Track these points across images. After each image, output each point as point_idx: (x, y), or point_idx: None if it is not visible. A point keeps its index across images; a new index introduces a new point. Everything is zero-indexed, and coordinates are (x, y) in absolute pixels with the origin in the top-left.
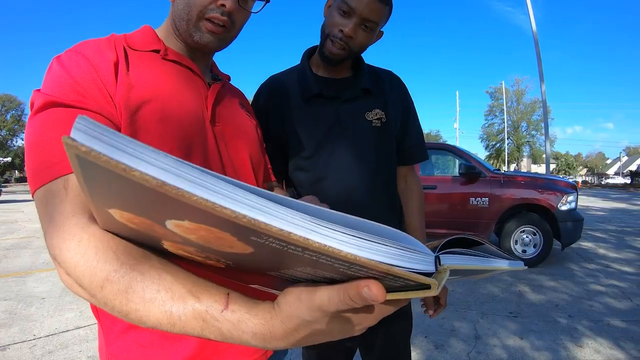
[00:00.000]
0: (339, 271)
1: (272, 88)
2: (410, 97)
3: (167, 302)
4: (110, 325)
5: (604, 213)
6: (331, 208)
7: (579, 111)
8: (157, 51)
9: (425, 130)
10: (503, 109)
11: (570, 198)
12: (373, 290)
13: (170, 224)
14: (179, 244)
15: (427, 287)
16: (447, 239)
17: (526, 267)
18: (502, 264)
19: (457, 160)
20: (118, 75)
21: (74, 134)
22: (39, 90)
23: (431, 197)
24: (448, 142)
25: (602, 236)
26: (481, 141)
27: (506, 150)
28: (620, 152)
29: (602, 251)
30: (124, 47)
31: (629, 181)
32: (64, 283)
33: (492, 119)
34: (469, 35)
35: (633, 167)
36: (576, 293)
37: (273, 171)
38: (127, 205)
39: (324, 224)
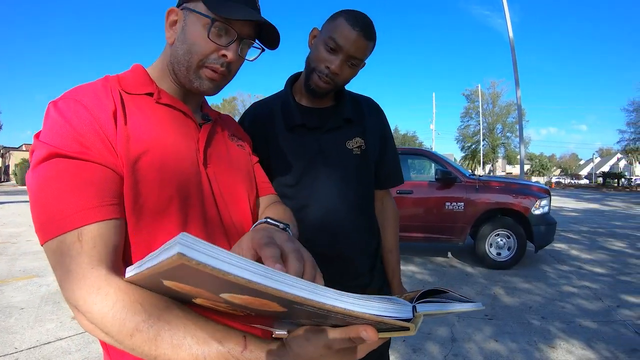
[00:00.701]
0: (344, 320)
1: (256, 116)
2: (387, 123)
3: (194, 346)
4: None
5: (576, 214)
6: (314, 232)
7: (553, 113)
8: (151, 94)
9: (402, 131)
10: (479, 111)
11: (544, 202)
12: (370, 333)
13: (226, 296)
14: (213, 302)
15: (407, 329)
16: (421, 291)
17: (484, 307)
18: (464, 307)
19: (433, 166)
20: (117, 126)
21: (180, 249)
22: (39, 137)
23: (408, 201)
24: (424, 143)
25: (575, 237)
26: (457, 142)
27: (481, 152)
28: (594, 154)
29: (574, 252)
30: (120, 92)
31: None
32: (84, 328)
33: (468, 120)
34: (446, 38)
35: (606, 168)
36: (549, 295)
37: None
38: (197, 284)
39: (347, 296)
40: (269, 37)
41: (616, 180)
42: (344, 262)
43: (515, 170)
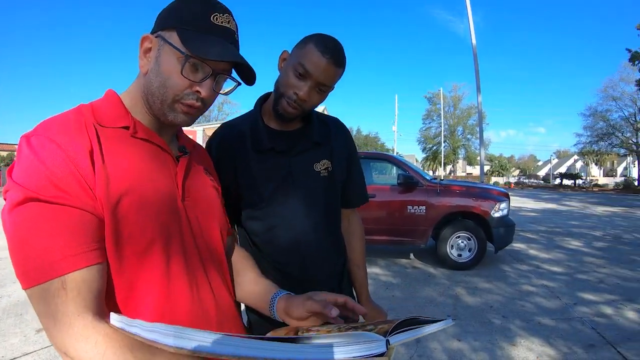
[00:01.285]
0: None
1: (224, 138)
2: (353, 143)
3: None
4: None
5: (535, 214)
6: (284, 254)
7: (512, 116)
8: (127, 127)
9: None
10: (440, 114)
11: (503, 205)
12: None
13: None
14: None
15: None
16: (394, 325)
17: (453, 322)
18: (435, 327)
19: (395, 170)
20: (95, 166)
21: (162, 339)
22: (12, 175)
23: (371, 205)
24: (386, 144)
25: (533, 237)
26: (419, 144)
27: (442, 153)
28: (551, 155)
29: (533, 252)
30: (95, 127)
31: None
32: None
33: (429, 122)
34: (409, 41)
35: (563, 169)
36: (509, 294)
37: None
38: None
39: (338, 346)
40: (245, 73)
41: (573, 180)
42: (312, 283)
43: (475, 170)
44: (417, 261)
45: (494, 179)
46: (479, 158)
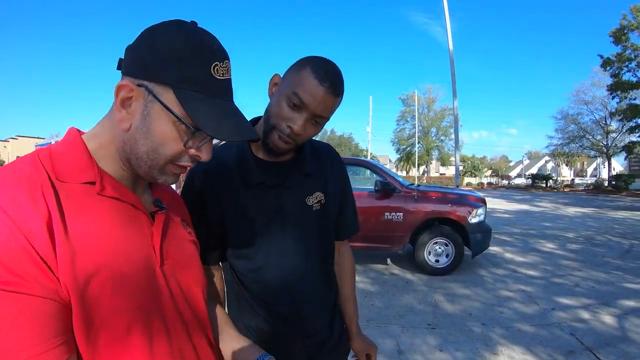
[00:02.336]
0: None
1: (208, 171)
2: (347, 172)
3: None
4: None
5: (509, 215)
6: (273, 294)
7: (485, 118)
8: (92, 183)
9: (338, 133)
10: (415, 115)
11: (480, 211)
12: None
13: None
14: None
15: None
16: None
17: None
18: None
19: (373, 176)
20: (55, 240)
21: None
22: None
23: None
24: (360, 145)
25: (508, 239)
26: (392, 145)
27: (416, 154)
28: (523, 156)
29: (508, 255)
30: (53, 185)
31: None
32: None
33: (403, 124)
34: (385, 43)
35: (534, 170)
36: (487, 300)
37: (209, 254)
38: None
39: None
40: None
41: (544, 181)
42: (304, 321)
43: (448, 171)
44: (394, 267)
45: (466, 180)
46: (452, 159)
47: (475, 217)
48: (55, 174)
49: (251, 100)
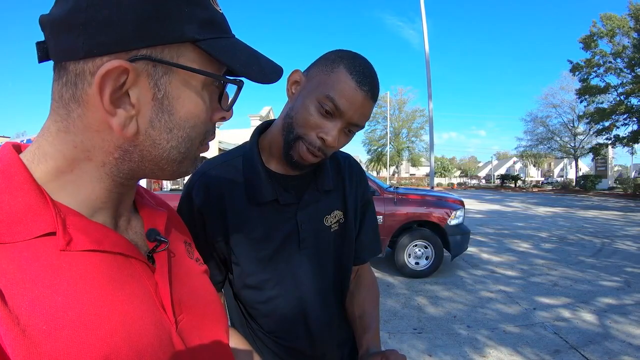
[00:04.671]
0: None
1: (211, 187)
2: (368, 186)
3: None
4: None
5: (482, 216)
6: (287, 328)
7: (455, 119)
8: (52, 234)
9: None
10: (386, 116)
11: (458, 213)
12: None
13: None
14: None
15: None
16: None
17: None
18: None
19: None
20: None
21: None
22: None
23: None
24: None
25: (484, 240)
26: (364, 145)
27: (387, 155)
28: (492, 157)
29: (485, 256)
30: None
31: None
32: None
33: (375, 125)
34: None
35: (502, 171)
36: (470, 302)
37: (213, 281)
38: None
39: None
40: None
41: (513, 181)
42: (320, 357)
43: (418, 172)
44: (374, 270)
45: (436, 180)
46: (422, 159)
47: (454, 219)
48: None
49: None
